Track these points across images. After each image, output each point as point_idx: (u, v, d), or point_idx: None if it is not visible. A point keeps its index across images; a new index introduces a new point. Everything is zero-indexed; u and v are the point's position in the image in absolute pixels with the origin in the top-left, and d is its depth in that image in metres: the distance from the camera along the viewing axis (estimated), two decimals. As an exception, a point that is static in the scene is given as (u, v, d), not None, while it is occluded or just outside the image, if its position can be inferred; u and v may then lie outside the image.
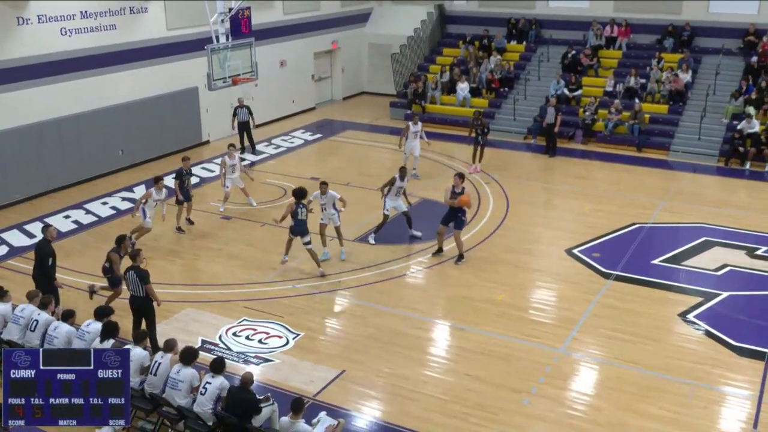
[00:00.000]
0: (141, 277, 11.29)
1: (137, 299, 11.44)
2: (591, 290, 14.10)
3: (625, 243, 16.32)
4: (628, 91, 24.83)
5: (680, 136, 23.21)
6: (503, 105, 26.11)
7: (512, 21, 28.98)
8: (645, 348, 12.11)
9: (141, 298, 11.41)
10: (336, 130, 25.94)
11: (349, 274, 14.69)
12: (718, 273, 14.90)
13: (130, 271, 11.40)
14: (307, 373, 11.34)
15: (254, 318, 12.93)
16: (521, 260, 15.44)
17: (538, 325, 12.87)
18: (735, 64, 25.14)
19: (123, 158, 21.04)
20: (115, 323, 10.16)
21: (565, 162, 22.41)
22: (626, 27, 27.03)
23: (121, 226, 17.01)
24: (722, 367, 11.62)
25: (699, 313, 13.28)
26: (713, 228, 17.05)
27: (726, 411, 10.69)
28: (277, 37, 25.98)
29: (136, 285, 11.33)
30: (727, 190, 20.39)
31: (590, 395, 11.01)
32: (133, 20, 20.80)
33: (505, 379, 11.21)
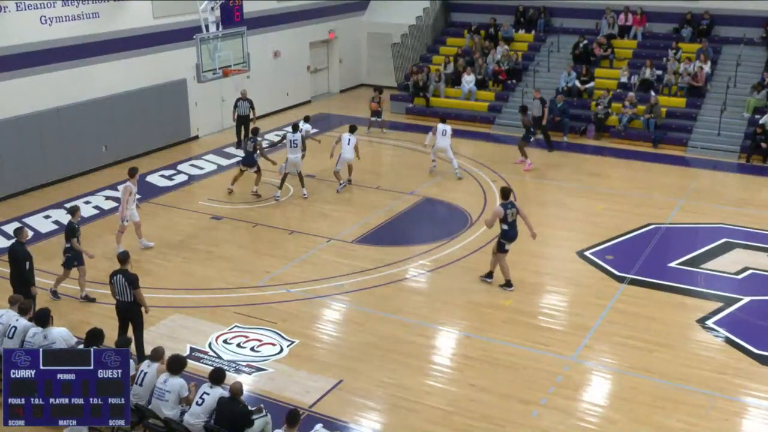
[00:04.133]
0: (130, 281, 11.30)
1: (124, 304, 11.44)
2: (604, 295, 14.11)
3: (640, 244, 16.33)
4: (644, 84, 24.84)
5: (699, 131, 23.22)
6: (511, 98, 26.12)
7: (520, 9, 29.04)
8: (661, 356, 12.12)
9: (128, 303, 11.41)
10: (333, 124, 25.94)
11: (348, 278, 14.70)
12: (739, 276, 14.91)
13: (117, 275, 11.40)
14: (302, 383, 11.34)
15: (246, 324, 12.93)
16: (529, 263, 15.44)
17: (548, 332, 12.88)
18: (757, 55, 25.16)
19: (106, 154, 21.03)
20: (98, 330, 10.15)
21: (576, 158, 22.43)
22: (642, 15, 27.05)
23: (105, 226, 17.06)
24: (744, 377, 11.62)
25: (719, 319, 13.28)
26: (734, 229, 17.07)
27: (748, 423, 10.70)
28: (271, 26, 25.97)
29: (123, 289, 11.33)
30: (749, 189, 20.41)
31: (603, 406, 11.01)
32: (117, 8, 20.80)
33: (512, 389, 11.21)
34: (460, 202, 18.67)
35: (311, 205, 18.27)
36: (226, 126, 24.18)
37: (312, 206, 18.23)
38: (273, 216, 17.57)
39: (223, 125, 24.17)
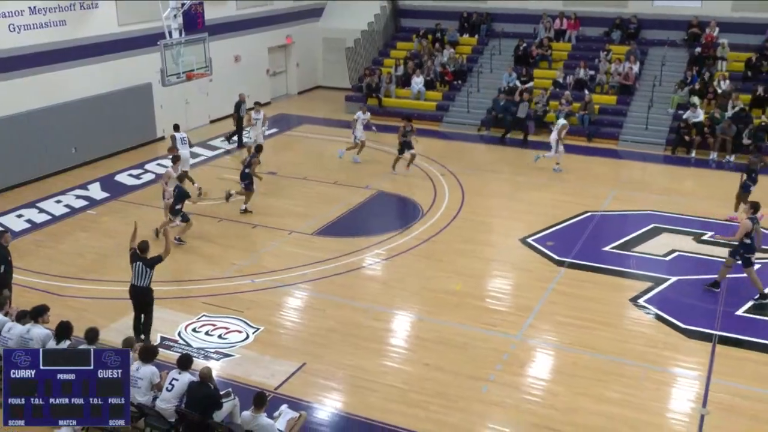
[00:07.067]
0: (150, 265, 11.28)
1: (140, 289, 11.35)
2: (545, 278, 14.23)
3: (577, 231, 16.51)
4: (578, 83, 25.11)
5: (629, 126, 23.58)
6: (457, 98, 26.20)
7: (465, 15, 29.13)
8: (599, 333, 12.26)
9: (144, 288, 11.35)
10: (292, 124, 25.73)
11: (309, 268, 14.58)
12: (667, 258, 15.17)
13: (137, 262, 11.29)
14: (267, 367, 11.23)
15: (213, 313, 12.75)
16: (477, 251, 15.51)
17: (495, 314, 12.95)
18: (680, 56, 25.63)
19: (76, 156, 20.54)
20: (68, 323, 9.87)
21: (518, 153, 22.58)
22: (575, 20, 27.34)
23: (76, 224, 16.69)
24: (672, 350, 11.84)
25: (649, 297, 13.50)
26: (662, 215, 17.35)
27: (676, 392, 10.88)
28: (231, 32, 25.64)
29: (143, 274, 11.25)
30: (674, 178, 20.76)
31: (547, 380, 11.11)
32: (83, 16, 20.30)
33: (463, 367, 11.24)
34: (412, 195, 18.67)
35: (274, 200, 18.07)
36: (191, 127, 23.78)
37: (274, 201, 18.03)
38: (237, 212, 17.33)
39: (187, 126, 23.73)
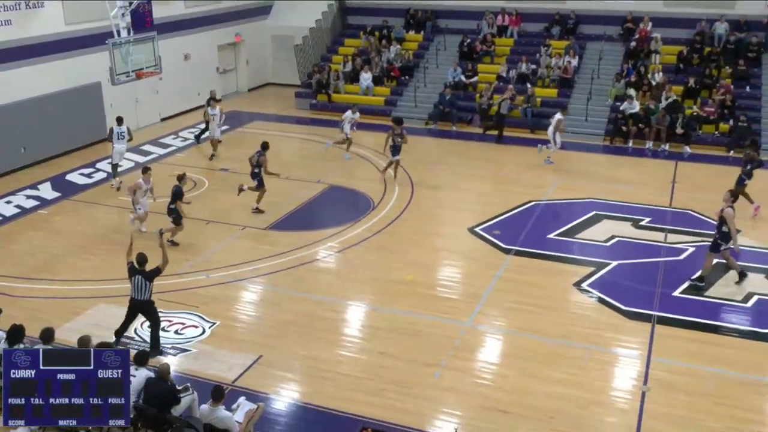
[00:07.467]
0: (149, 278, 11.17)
1: (141, 303, 11.24)
2: (493, 266, 14.48)
3: (522, 220, 16.82)
4: (521, 77, 25.48)
5: (569, 117, 23.93)
6: (404, 92, 26.34)
7: (410, 12, 29.27)
8: (545, 317, 12.56)
9: (146, 302, 11.24)
10: (243, 121, 25.55)
11: (263, 262, 14.57)
12: (608, 244, 15.57)
13: (136, 276, 11.15)
14: (224, 361, 11.21)
15: (169, 309, 12.63)
16: (427, 241, 15.69)
17: (446, 302, 13.14)
18: (616, 50, 26.23)
19: (25, 156, 20.05)
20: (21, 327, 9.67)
21: (464, 145, 22.86)
22: (517, 16, 27.73)
23: (27, 224, 16.34)
24: (614, 331, 12.19)
25: (592, 281, 13.86)
26: (602, 202, 17.79)
27: (619, 371, 11.22)
28: (180, 30, 25.32)
29: (142, 288, 11.14)
30: (613, 167, 21.28)
31: (496, 364, 11.34)
32: (29, 15, 19.80)
33: (416, 354, 11.39)
34: (363, 188, 18.75)
35: (226, 197, 17.96)
36: (141, 125, 23.45)
37: (226, 197, 17.93)
38: (190, 208, 17.15)
39: (138, 124, 23.37)
